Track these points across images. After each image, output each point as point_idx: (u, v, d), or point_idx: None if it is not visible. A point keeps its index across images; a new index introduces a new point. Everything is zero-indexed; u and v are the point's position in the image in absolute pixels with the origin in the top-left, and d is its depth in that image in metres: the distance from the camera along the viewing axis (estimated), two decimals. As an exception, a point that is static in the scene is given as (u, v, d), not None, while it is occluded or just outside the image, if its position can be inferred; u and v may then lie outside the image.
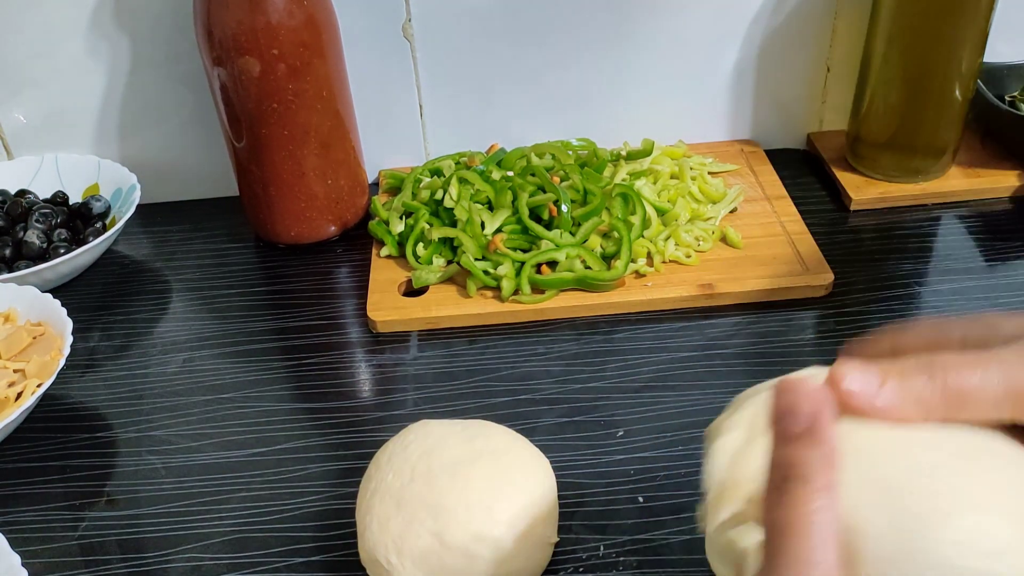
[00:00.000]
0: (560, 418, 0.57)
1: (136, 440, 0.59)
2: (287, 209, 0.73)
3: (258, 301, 0.71)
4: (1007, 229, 0.72)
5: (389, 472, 0.46)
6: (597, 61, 0.79)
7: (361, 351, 0.65)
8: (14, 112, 0.79)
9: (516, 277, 0.66)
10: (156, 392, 0.62)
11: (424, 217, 0.72)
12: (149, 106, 0.79)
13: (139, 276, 0.75)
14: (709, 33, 0.78)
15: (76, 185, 0.79)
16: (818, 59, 0.80)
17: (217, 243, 0.78)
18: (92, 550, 0.52)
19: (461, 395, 0.60)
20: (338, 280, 0.73)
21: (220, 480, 0.55)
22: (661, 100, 0.81)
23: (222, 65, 0.66)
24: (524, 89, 0.80)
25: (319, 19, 0.67)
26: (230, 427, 0.59)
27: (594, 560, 0.48)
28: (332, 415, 0.59)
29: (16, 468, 0.57)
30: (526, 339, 0.64)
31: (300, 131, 0.69)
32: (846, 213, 0.75)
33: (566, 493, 0.51)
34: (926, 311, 0.64)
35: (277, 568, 0.50)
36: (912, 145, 0.75)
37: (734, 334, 0.63)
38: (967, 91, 0.72)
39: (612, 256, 0.68)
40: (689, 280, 0.67)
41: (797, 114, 0.83)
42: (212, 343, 0.66)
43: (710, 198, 0.74)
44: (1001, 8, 0.68)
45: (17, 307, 0.63)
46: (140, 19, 0.75)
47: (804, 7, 0.77)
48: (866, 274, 0.68)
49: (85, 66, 0.77)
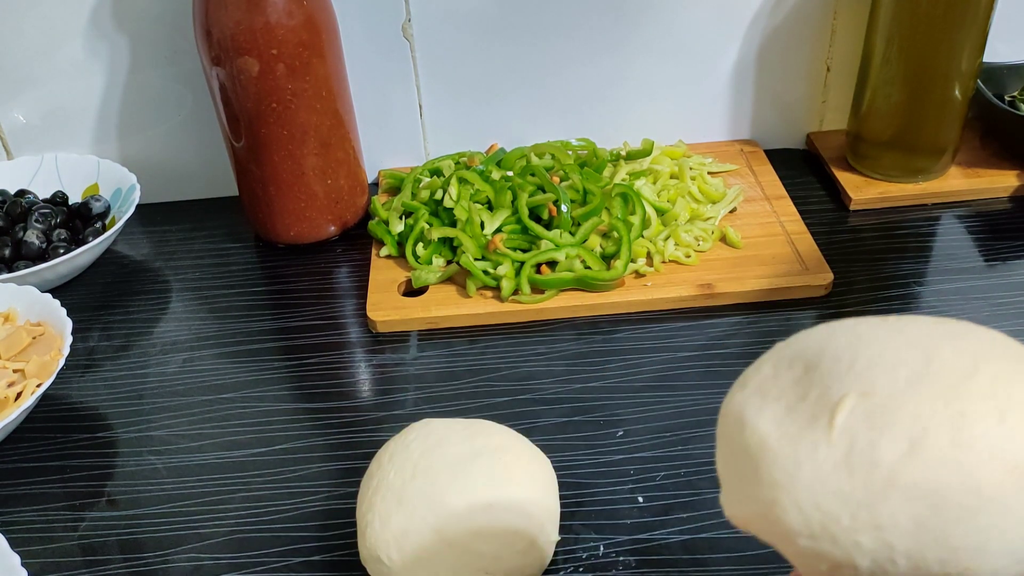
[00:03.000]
0: (560, 418, 0.57)
1: (136, 440, 0.59)
2: (287, 209, 0.73)
3: (258, 301, 0.71)
4: (1007, 229, 0.72)
5: (391, 469, 0.46)
6: (597, 61, 0.79)
7: (361, 351, 0.65)
8: (14, 112, 0.79)
9: (516, 277, 0.66)
10: (156, 392, 0.62)
11: (424, 217, 0.72)
12: (148, 106, 0.79)
13: (139, 276, 0.75)
14: (709, 33, 0.78)
15: (76, 185, 0.79)
16: (818, 59, 0.80)
17: (217, 243, 0.78)
18: (92, 550, 0.52)
19: (461, 395, 0.60)
20: (338, 280, 0.73)
21: (220, 480, 0.55)
22: (661, 100, 0.81)
23: (221, 65, 0.66)
24: (524, 89, 0.80)
25: (318, 19, 0.67)
26: (230, 427, 0.59)
27: (594, 560, 0.48)
28: (332, 415, 0.59)
29: (16, 468, 0.57)
30: (526, 339, 0.64)
31: (299, 131, 0.69)
32: (846, 213, 0.75)
33: (566, 493, 0.51)
34: (925, 311, 0.64)
35: (277, 568, 0.50)
36: (912, 145, 0.75)
37: (734, 334, 0.63)
38: (967, 91, 0.72)
39: (612, 256, 0.68)
40: (689, 280, 0.67)
41: (797, 114, 0.84)
42: (212, 343, 0.66)
43: (710, 198, 0.74)
44: (1001, 8, 0.68)
45: (17, 307, 0.63)
46: (139, 19, 0.75)
47: (803, 7, 0.77)
48: (866, 274, 0.68)
49: (84, 66, 0.77)
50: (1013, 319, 0.62)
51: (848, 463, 0.25)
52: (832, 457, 0.26)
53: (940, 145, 0.75)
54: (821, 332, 0.30)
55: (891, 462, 0.25)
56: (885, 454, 0.25)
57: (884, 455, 0.25)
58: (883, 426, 0.25)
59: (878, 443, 0.25)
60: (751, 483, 0.27)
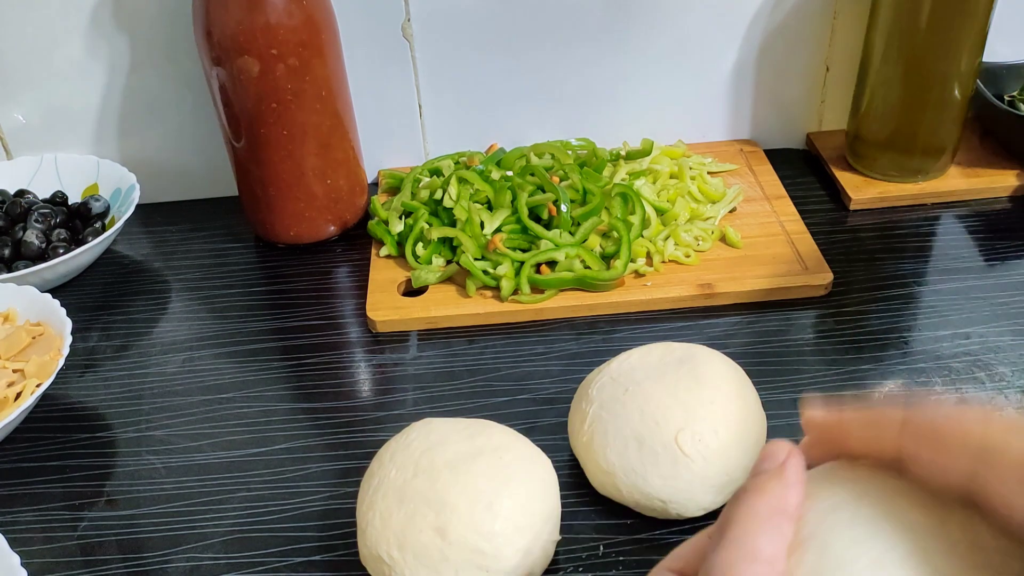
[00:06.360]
0: (560, 417, 0.57)
1: (136, 440, 0.59)
2: (286, 209, 0.73)
3: (258, 301, 0.71)
4: (1006, 229, 0.72)
5: (392, 468, 0.46)
6: (596, 61, 0.79)
7: (361, 351, 0.65)
8: (13, 112, 0.79)
9: (515, 277, 0.66)
10: (156, 392, 0.62)
11: (423, 217, 0.72)
12: (148, 106, 0.79)
13: (138, 276, 0.75)
14: (709, 33, 0.78)
15: (75, 185, 0.79)
16: (817, 59, 0.80)
17: (216, 243, 0.78)
18: (92, 550, 0.52)
19: (461, 395, 0.60)
20: (337, 280, 0.73)
21: (220, 480, 0.55)
22: (660, 100, 0.81)
23: (221, 65, 0.66)
24: (524, 89, 0.80)
25: (318, 19, 0.67)
26: (230, 427, 0.59)
27: (594, 560, 0.48)
28: (332, 415, 0.59)
29: (15, 468, 0.57)
30: (525, 339, 0.64)
31: (299, 131, 0.69)
32: (845, 213, 0.75)
33: (566, 493, 0.51)
34: (925, 310, 0.64)
35: (277, 568, 0.50)
36: (911, 145, 0.75)
37: (733, 334, 0.63)
38: (966, 91, 0.72)
39: (611, 256, 0.68)
40: (688, 280, 0.67)
41: (796, 114, 0.84)
42: (212, 343, 0.66)
43: (709, 198, 0.75)
44: (1001, 8, 0.68)
45: (16, 307, 0.63)
46: (139, 19, 0.75)
47: (803, 7, 0.77)
48: (865, 274, 0.68)
49: (84, 66, 0.77)
50: (1013, 319, 0.62)
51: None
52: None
53: (939, 145, 0.75)
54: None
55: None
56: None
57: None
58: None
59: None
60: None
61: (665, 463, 0.47)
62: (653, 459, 0.48)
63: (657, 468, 0.48)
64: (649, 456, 0.48)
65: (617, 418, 0.49)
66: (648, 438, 0.48)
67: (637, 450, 0.48)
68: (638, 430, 0.48)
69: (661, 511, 0.48)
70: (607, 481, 0.49)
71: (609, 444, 0.49)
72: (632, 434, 0.48)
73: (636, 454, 0.48)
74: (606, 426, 0.49)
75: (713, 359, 0.52)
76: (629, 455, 0.48)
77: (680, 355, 0.52)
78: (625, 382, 0.50)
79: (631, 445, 0.48)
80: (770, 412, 0.53)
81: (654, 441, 0.48)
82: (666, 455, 0.47)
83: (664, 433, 0.48)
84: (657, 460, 0.47)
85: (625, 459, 0.48)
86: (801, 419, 0.29)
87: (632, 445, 0.48)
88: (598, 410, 0.50)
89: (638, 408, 0.49)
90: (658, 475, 0.48)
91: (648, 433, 0.48)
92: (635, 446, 0.48)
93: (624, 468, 0.48)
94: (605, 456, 0.49)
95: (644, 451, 0.48)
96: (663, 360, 0.52)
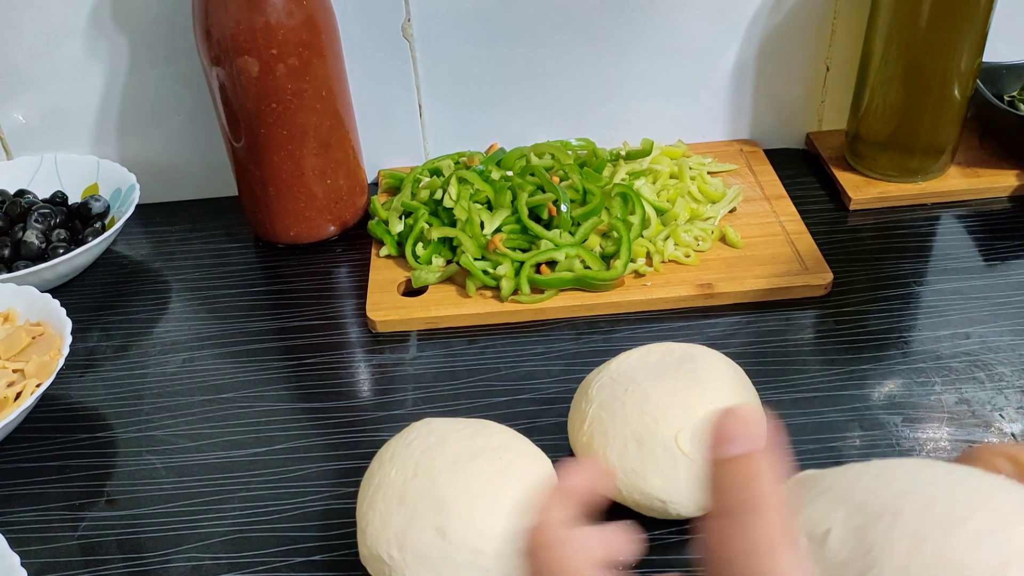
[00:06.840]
0: (559, 418, 0.57)
1: (136, 440, 0.59)
2: (286, 209, 0.73)
3: (257, 301, 0.71)
4: (1006, 229, 0.72)
5: (392, 468, 0.46)
6: (597, 61, 0.79)
7: (361, 351, 0.65)
8: (13, 112, 0.79)
9: (515, 277, 0.66)
10: (156, 392, 0.62)
11: (423, 217, 0.72)
12: (148, 106, 0.79)
13: (138, 276, 0.75)
14: (708, 33, 0.78)
15: (75, 185, 0.79)
16: (817, 59, 0.80)
17: (216, 243, 0.78)
18: (92, 550, 0.52)
19: (460, 395, 0.60)
20: (337, 280, 0.73)
21: (220, 480, 0.55)
22: (660, 100, 0.81)
23: (221, 65, 0.66)
24: (524, 89, 0.80)
25: (318, 19, 0.67)
26: (230, 427, 0.59)
27: (594, 559, 0.48)
28: (332, 415, 0.59)
29: (15, 468, 0.57)
30: (525, 339, 0.64)
31: (299, 131, 0.69)
32: (845, 213, 0.75)
33: (566, 493, 0.51)
34: (925, 310, 0.64)
35: (277, 568, 0.50)
36: (911, 145, 0.75)
37: (733, 334, 0.63)
38: (966, 91, 0.72)
39: (611, 256, 0.68)
40: (688, 280, 0.67)
41: (796, 114, 0.84)
42: (212, 343, 0.66)
43: (709, 198, 0.75)
44: (1001, 8, 0.68)
45: (16, 307, 0.63)
46: (139, 19, 0.75)
47: (803, 7, 0.77)
48: (865, 274, 0.68)
49: (84, 66, 0.77)
50: (1013, 319, 0.62)
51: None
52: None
53: (939, 145, 0.75)
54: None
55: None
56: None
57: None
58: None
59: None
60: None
61: (665, 463, 0.47)
62: (653, 459, 0.48)
63: (657, 468, 0.48)
64: (649, 456, 0.48)
65: (617, 418, 0.49)
66: (648, 438, 0.48)
67: (637, 450, 0.48)
68: (638, 430, 0.48)
69: (661, 511, 0.48)
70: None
71: (609, 444, 0.49)
72: (632, 434, 0.48)
73: (636, 454, 0.48)
74: (606, 426, 0.49)
75: (713, 359, 0.52)
76: (629, 455, 0.48)
77: (680, 355, 0.52)
78: (625, 382, 0.51)
79: (631, 445, 0.48)
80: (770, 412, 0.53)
81: (654, 441, 0.48)
82: (666, 455, 0.47)
83: (664, 433, 0.48)
84: (657, 460, 0.48)
85: (625, 459, 0.48)
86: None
87: (632, 445, 0.48)
88: (598, 410, 0.50)
89: (638, 408, 0.49)
90: (658, 475, 0.48)
91: (648, 433, 0.48)
92: (635, 446, 0.48)
93: (624, 468, 0.48)
94: (605, 456, 0.49)
95: (644, 451, 0.48)
96: (663, 360, 0.52)
